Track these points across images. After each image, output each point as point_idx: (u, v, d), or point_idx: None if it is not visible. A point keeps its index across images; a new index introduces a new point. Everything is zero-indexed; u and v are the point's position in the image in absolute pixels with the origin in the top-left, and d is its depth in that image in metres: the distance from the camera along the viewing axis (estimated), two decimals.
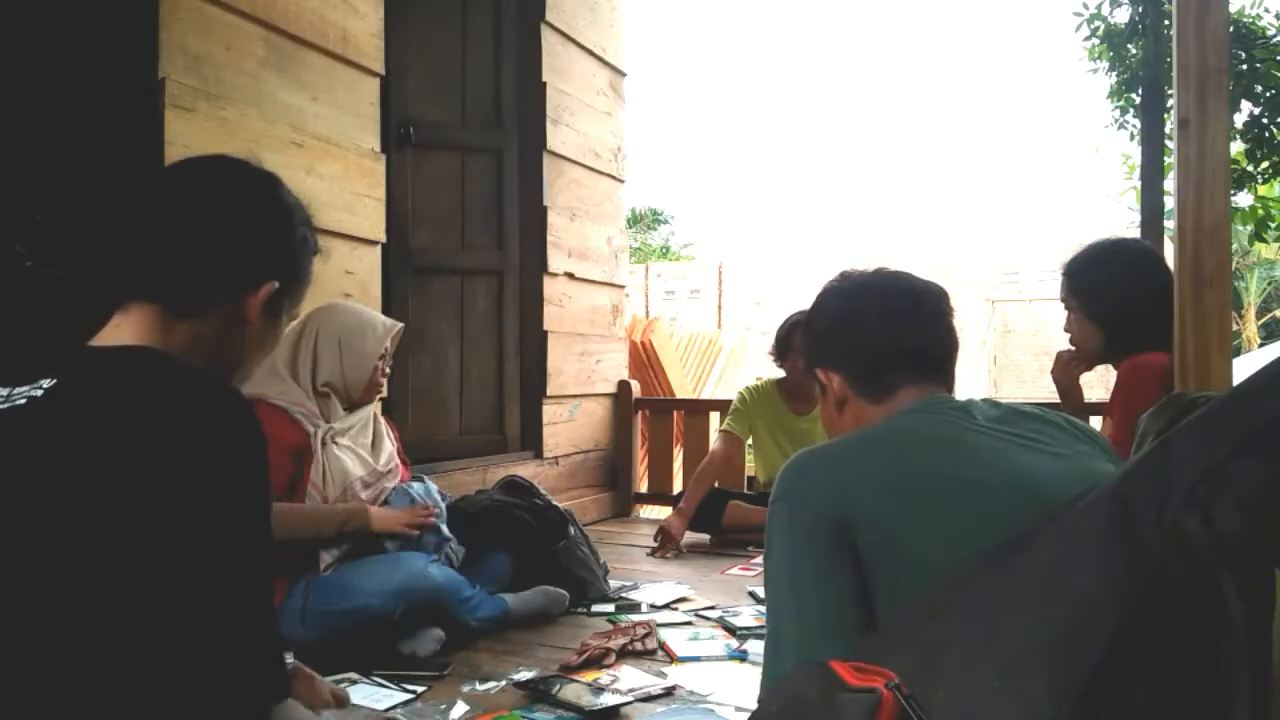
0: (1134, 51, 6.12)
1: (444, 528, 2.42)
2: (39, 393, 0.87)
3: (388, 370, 2.50)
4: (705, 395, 7.47)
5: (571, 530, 2.69)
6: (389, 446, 2.50)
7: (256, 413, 0.92)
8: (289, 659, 1.62)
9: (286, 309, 1.14)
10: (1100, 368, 2.15)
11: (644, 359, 6.50)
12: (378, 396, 2.53)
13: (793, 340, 3.65)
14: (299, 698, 1.60)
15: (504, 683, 1.97)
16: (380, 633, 2.09)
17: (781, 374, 3.78)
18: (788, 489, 1.13)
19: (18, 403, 0.87)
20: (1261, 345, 15.00)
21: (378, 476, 2.40)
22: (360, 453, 2.38)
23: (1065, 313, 2.13)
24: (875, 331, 1.25)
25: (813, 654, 0.97)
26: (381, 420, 2.56)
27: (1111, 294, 2.00)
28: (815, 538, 1.08)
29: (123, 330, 1.01)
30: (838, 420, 1.30)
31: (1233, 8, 5.09)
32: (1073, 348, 2.15)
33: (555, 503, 2.77)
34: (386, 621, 2.09)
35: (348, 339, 2.38)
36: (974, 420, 1.16)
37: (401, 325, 2.54)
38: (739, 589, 2.81)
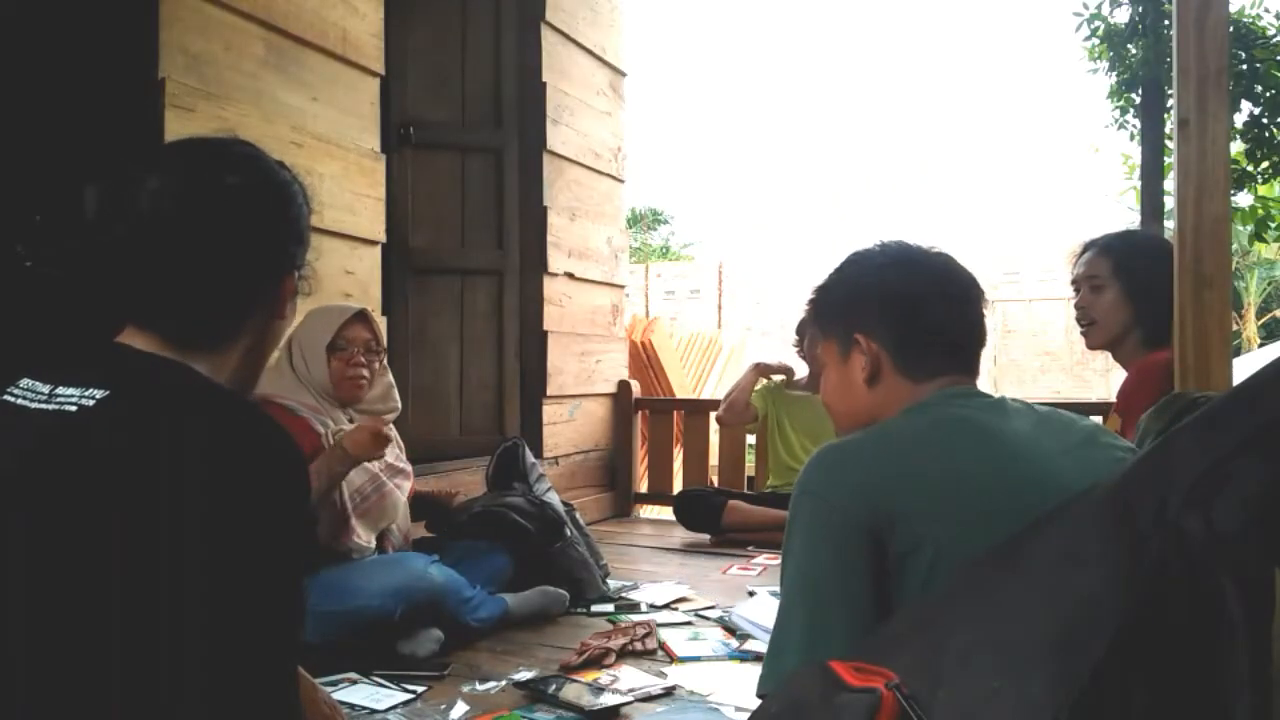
0: (1134, 51, 6.13)
1: None
2: (90, 402, 0.83)
3: (360, 361, 2.30)
4: (705, 395, 7.47)
5: (568, 531, 2.68)
6: (397, 439, 2.44)
7: (307, 470, 0.87)
8: None
9: (305, 279, 1.06)
10: (1098, 365, 2.14)
11: (644, 359, 6.49)
12: (360, 395, 2.34)
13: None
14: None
15: (504, 683, 1.97)
16: (380, 633, 2.09)
17: (781, 378, 3.81)
18: (815, 484, 1.08)
19: (66, 408, 0.83)
20: (1261, 345, 14.99)
21: (394, 472, 2.38)
22: None
23: (1086, 288, 2.09)
24: (937, 317, 1.21)
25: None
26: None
27: (1165, 290, 1.96)
28: (841, 541, 1.03)
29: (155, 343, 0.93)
30: (858, 394, 1.23)
31: (1233, 8, 5.08)
32: (1092, 321, 2.12)
33: (549, 499, 2.74)
34: (387, 622, 2.09)
35: (303, 332, 2.28)
36: (1007, 415, 1.13)
37: (360, 309, 2.35)
38: (739, 589, 2.81)
